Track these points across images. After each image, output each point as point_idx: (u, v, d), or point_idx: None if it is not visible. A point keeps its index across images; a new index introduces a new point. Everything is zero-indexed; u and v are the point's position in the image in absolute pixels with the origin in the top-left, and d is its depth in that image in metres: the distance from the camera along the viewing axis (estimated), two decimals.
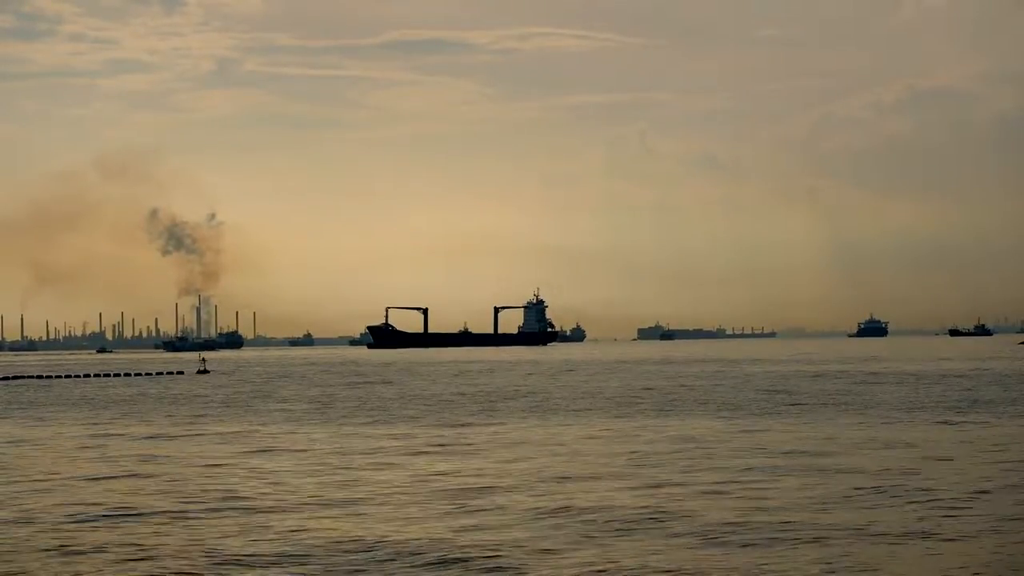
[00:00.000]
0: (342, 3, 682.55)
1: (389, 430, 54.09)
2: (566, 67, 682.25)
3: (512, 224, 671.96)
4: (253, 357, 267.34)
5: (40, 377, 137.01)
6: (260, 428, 56.66)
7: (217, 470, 38.75)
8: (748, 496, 30.45)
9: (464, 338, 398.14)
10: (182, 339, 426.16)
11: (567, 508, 28.83)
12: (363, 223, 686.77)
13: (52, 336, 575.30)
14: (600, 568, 22.10)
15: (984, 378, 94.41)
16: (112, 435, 53.70)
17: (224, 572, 22.40)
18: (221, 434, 53.32)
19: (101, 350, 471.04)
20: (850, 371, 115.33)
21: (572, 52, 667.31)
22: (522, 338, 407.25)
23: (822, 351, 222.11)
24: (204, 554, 23.90)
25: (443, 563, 22.77)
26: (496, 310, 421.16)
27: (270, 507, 30.00)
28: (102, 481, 35.88)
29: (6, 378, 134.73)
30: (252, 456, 43.33)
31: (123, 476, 37.29)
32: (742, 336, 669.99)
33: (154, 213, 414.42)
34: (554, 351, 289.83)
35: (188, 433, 54.31)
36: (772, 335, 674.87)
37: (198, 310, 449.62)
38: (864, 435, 46.97)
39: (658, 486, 32.57)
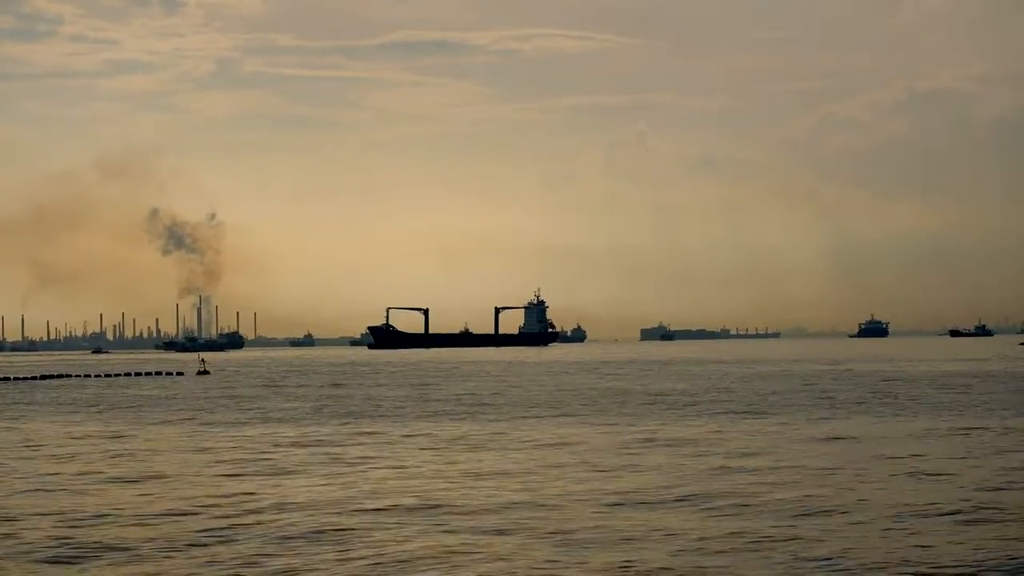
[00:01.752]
0: (343, 4, 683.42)
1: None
2: (566, 68, 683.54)
3: (512, 225, 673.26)
4: (260, 358, 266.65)
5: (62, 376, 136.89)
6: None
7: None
8: None
9: (465, 338, 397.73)
10: (191, 339, 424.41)
11: None
12: (364, 224, 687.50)
13: (53, 336, 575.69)
14: None
15: None
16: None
17: None
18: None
19: (97, 351, 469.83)
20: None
21: (572, 53, 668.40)
22: (523, 339, 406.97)
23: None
24: None
25: None
26: (497, 310, 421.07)
27: None
28: None
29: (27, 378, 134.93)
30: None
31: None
32: (746, 336, 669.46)
33: (154, 213, 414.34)
34: (557, 351, 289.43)
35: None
36: (776, 335, 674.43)
37: (199, 310, 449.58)
38: None
39: None
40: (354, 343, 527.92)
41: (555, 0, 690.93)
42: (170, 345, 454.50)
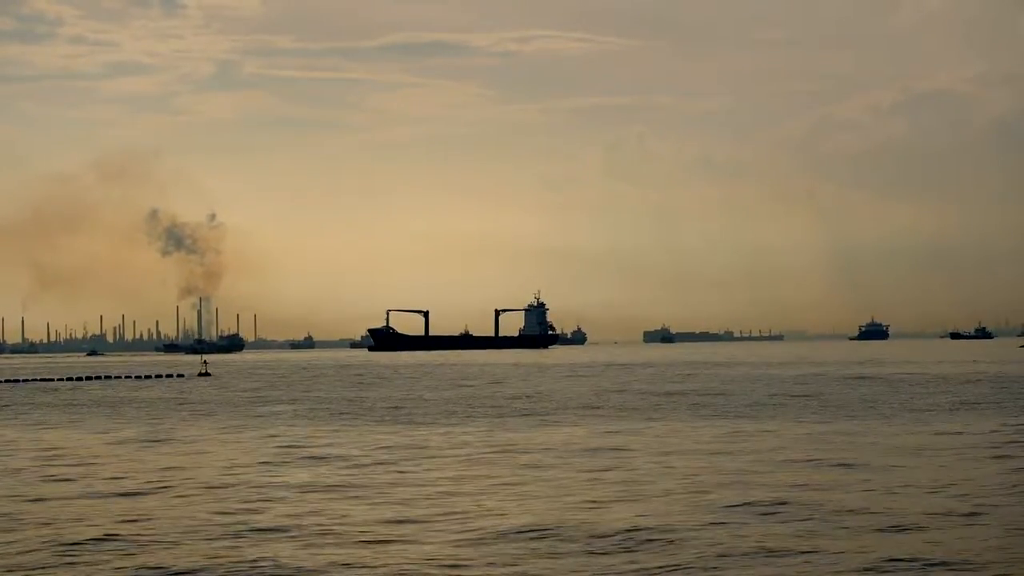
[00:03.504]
0: (342, 5, 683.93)
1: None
2: (566, 69, 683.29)
3: (512, 226, 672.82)
4: (265, 359, 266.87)
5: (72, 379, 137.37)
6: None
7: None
8: None
9: (465, 340, 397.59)
10: (200, 342, 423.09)
11: None
12: (364, 225, 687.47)
13: (53, 339, 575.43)
14: None
15: None
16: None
17: None
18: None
19: (92, 353, 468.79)
20: None
21: (572, 55, 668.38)
22: (523, 341, 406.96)
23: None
24: None
25: None
26: (497, 313, 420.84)
27: None
28: None
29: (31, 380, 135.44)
30: None
31: None
32: (749, 339, 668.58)
33: (154, 214, 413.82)
34: (558, 353, 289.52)
35: None
36: (780, 338, 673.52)
37: (199, 312, 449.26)
38: None
39: None
40: (354, 345, 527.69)
41: (555, 2, 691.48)
42: (171, 347, 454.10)
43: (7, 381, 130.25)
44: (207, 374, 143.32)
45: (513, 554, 23.78)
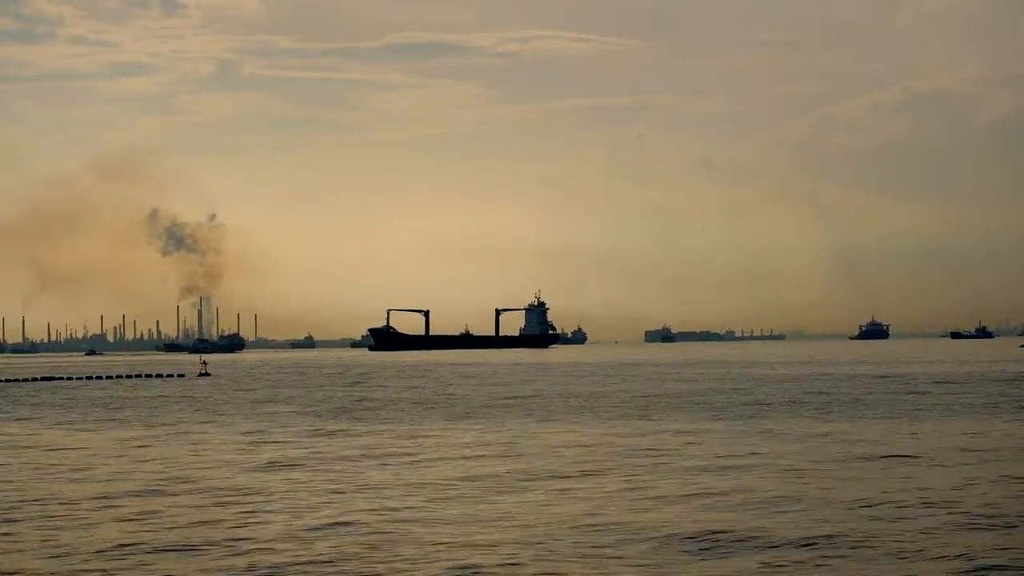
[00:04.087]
0: (342, 5, 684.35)
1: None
2: (566, 70, 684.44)
3: (513, 226, 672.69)
4: (265, 359, 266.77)
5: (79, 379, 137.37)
6: None
7: None
8: None
9: (465, 340, 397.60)
10: (203, 341, 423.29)
11: None
12: (364, 225, 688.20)
13: (53, 338, 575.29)
14: None
15: None
16: None
17: None
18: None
19: (91, 352, 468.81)
20: None
21: (572, 55, 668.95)
22: (523, 340, 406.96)
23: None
24: None
25: None
26: (497, 312, 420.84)
27: None
28: None
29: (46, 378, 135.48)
30: None
31: None
32: (751, 339, 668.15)
33: (154, 214, 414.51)
34: (559, 353, 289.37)
35: None
36: (781, 337, 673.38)
37: (200, 311, 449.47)
38: None
39: None
40: (355, 345, 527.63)
41: (555, 2, 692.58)
42: (172, 346, 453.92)
43: (8, 380, 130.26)
44: (206, 374, 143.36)
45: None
